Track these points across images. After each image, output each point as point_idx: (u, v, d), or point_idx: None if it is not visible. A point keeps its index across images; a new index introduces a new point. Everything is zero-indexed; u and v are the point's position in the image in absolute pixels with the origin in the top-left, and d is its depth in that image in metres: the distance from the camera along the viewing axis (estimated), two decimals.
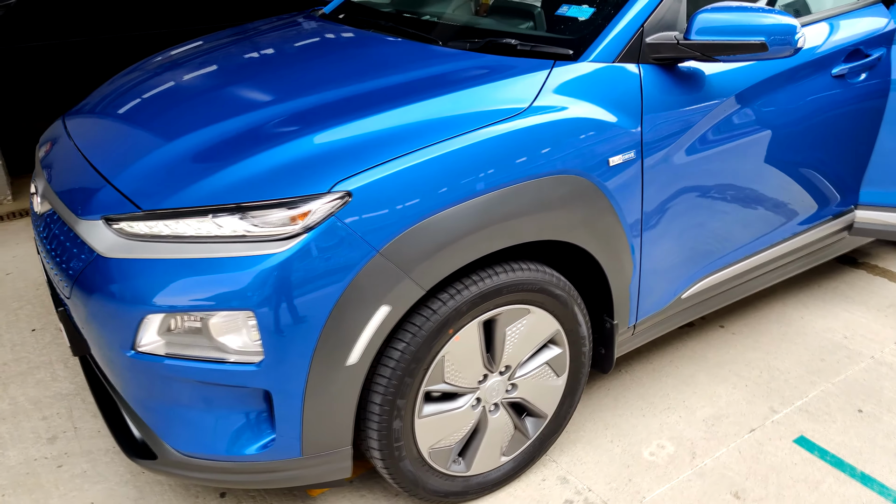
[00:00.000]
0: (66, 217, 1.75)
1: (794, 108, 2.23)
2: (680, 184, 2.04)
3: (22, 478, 2.16)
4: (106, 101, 2.23)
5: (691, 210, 2.11)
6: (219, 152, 1.67)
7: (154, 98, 2.09)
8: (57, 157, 2.00)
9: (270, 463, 1.67)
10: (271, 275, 1.50)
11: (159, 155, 1.73)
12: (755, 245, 2.41)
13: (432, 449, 1.86)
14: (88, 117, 2.16)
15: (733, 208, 2.23)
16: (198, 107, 1.92)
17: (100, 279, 1.60)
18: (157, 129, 1.87)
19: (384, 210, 1.55)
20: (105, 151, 1.86)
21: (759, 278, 2.55)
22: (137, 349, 1.60)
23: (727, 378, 2.55)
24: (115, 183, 1.69)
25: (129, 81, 2.33)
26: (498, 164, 1.67)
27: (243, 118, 1.77)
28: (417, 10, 2.54)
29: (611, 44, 1.89)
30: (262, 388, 1.58)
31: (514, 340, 1.88)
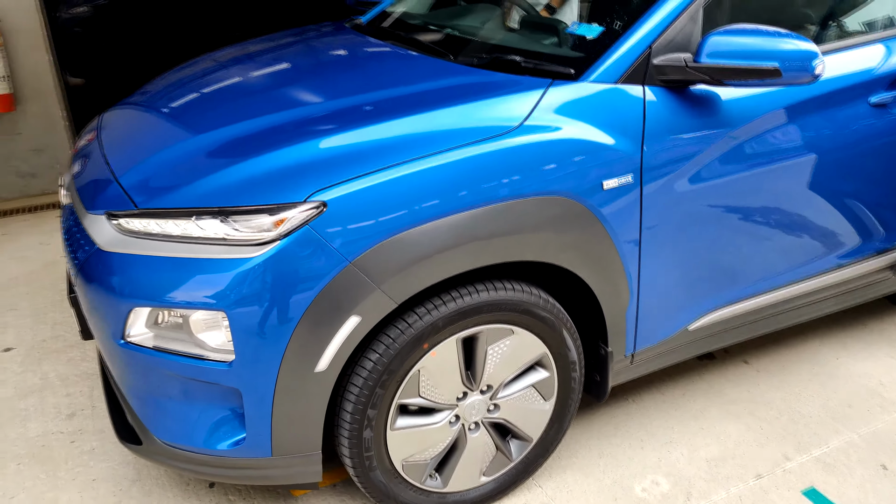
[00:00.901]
0: (78, 210, 1.86)
1: (821, 137, 2.11)
2: (686, 212, 1.96)
3: (38, 450, 2.30)
4: (136, 100, 2.36)
5: (700, 240, 2.03)
6: (213, 157, 1.73)
7: (171, 100, 2.19)
8: (84, 152, 2.13)
9: (242, 460, 1.72)
10: (244, 278, 1.54)
11: (162, 156, 1.82)
12: (778, 279, 2.29)
13: (406, 462, 1.86)
14: (118, 115, 2.28)
15: (749, 241, 2.13)
16: (205, 111, 2.01)
17: (97, 270, 1.69)
18: (166, 130, 1.97)
19: (358, 222, 1.57)
20: (120, 149, 1.97)
21: (786, 314, 2.42)
22: (127, 339, 1.68)
23: (741, 417, 2.44)
24: (120, 180, 1.79)
25: (161, 83, 2.46)
26: (480, 183, 1.66)
27: (241, 125, 1.83)
28: (443, 24, 2.55)
29: (614, 65, 1.84)
30: (233, 386, 1.63)
31: (496, 360, 1.86)
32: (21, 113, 4.29)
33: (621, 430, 2.38)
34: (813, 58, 1.77)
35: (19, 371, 2.72)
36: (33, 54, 4.23)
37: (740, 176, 2.01)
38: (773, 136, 2.03)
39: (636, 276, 1.96)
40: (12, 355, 2.82)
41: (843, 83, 2.12)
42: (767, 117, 2.00)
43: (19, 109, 4.27)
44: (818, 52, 1.78)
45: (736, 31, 1.80)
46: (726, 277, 2.16)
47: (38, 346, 2.87)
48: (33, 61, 4.24)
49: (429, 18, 2.68)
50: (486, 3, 2.73)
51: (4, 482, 2.16)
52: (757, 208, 2.08)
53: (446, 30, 2.48)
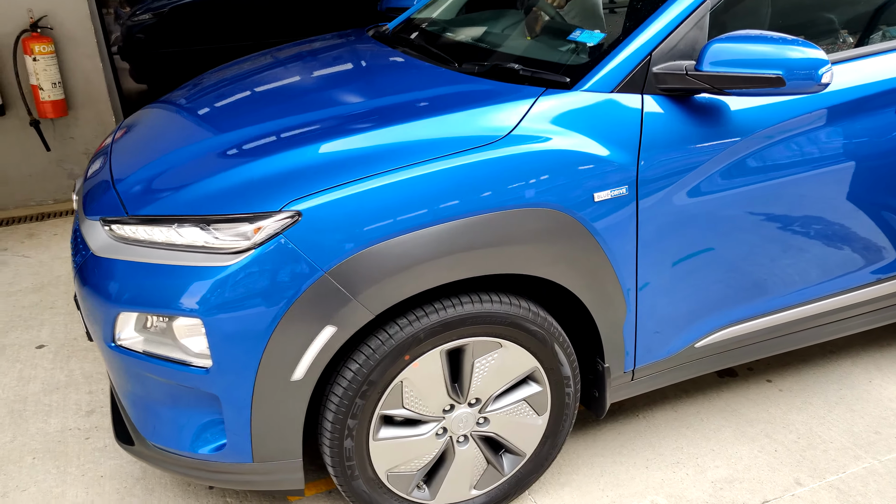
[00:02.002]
0: (80, 215, 1.93)
1: (840, 148, 1.99)
2: (688, 226, 1.89)
3: (54, 444, 2.39)
4: (154, 106, 2.43)
5: (704, 256, 1.95)
6: (201, 164, 1.77)
7: (179, 107, 2.25)
8: (98, 157, 2.21)
9: (225, 464, 1.75)
10: (219, 286, 1.57)
11: (158, 163, 1.87)
12: (794, 297, 2.17)
13: (391, 472, 1.85)
14: (136, 119, 2.36)
15: (760, 257, 2.03)
16: (203, 120, 2.05)
17: (90, 274, 1.75)
18: (167, 137, 2.02)
19: (334, 232, 1.57)
20: (125, 154, 2.03)
21: (806, 333, 2.30)
22: (117, 342, 1.73)
23: (756, 438, 2.33)
24: (117, 186, 1.84)
25: (181, 90, 2.53)
26: (462, 194, 1.64)
27: (231, 134, 1.87)
28: (459, 32, 2.53)
29: (610, 73, 1.79)
30: (212, 392, 1.65)
31: (484, 374, 1.83)
32: (73, 118, 4.50)
33: (627, 447, 2.31)
34: (820, 66, 1.67)
35: (49, 367, 2.84)
36: (86, 62, 4.43)
37: (748, 189, 1.92)
38: (786, 146, 1.93)
39: (633, 292, 1.89)
40: (44, 352, 2.95)
41: (866, 91, 1.99)
42: (779, 127, 1.90)
43: (72, 115, 4.48)
44: (826, 59, 1.68)
45: (739, 38, 1.72)
46: (735, 294, 2.06)
47: (68, 343, 2.99)
48: (86, 68, 4.44)
49: (448, 26, 2.67)
50: (512, 11, 2.70)
51: (20, 475, 2.26)
52: (767, 223, 1.98)
53: (460, 38, 2.46)
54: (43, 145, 4.42)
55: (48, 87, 4.21)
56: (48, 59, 4.16)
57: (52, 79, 4.22)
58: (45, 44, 4.13)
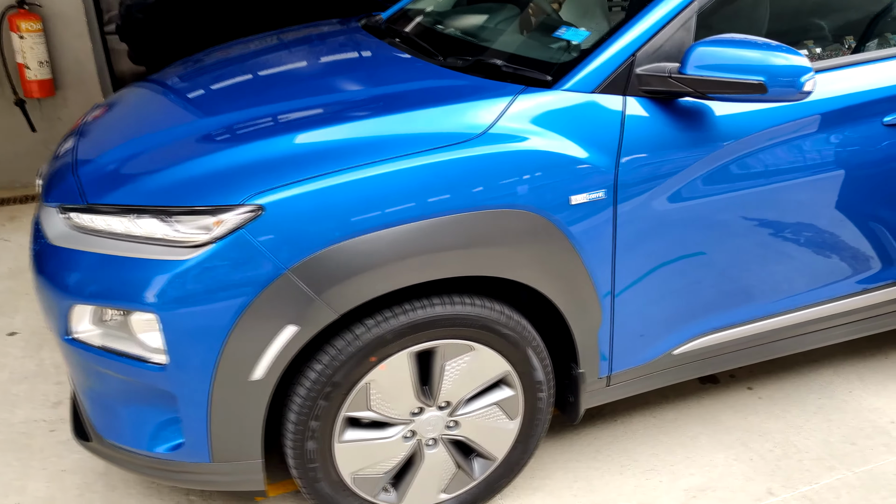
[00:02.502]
0: (40, 201, 1.87)
1: (826, 157, 1.95)
2: (668, 232, 1.84)
3: (17, 436, 2.34)
4: (132, 88, 2.37)
5: (684, 262, 1.90)
6: (166, 153, 1.71)
7: (157, 91, 2.20)
8: (66, 140, 2.14)
9: (183, 464, 1.70)
10: (176, 280, 1.51)
11: (122, 149, 1.80)
12: (776, 305, 2.13)
13: (356, 475, 1.81)
14: (112, 102, 2.28)
15: (741, 265, 1.99)
16: (176, 105, 2.00)
17: (45, 264, 1.69)
18: (136, 122, 1.96)
19: (297, 228, 1.52)
20: (92, 139, 1.96)
21: (787, 341, 2.26)
22: (72, 336, 1.68)
23: (732, 447, 2.29)
24: (79, 172, 1.78)
25: (163, 72, 2.46)
26: (433, 192, 1.59)
27: (199, 122, 1.81)
28: (450, 24, 2.47)
29: (592, 73, 1.74)
30: (168, 390, 1.60)
31: (454, 377, 1.79)
32: (61, 98, 4.41)
33: (603, 453, 2.27)
34: (802, 73, 1.63)
35: (19, 356, 2.78)
36: (76, 41, 4.33)
37: (730, 196, 1.87)
38: (770, 154, 1.88)
39: (610, 297, 1.85)
40: (15, 340, 2.89)
41: (853, 100, 1.95)
42: (764, 134, 1.86)
43: (60, 95, 4.39)
44: (809, 67, 1.64)
45: (724, 42, 1.67)
46: (715, 302, 2.02)
47: (41, 332, 2.94)
48: (75, 48, 4.34)
49: (441, 18, 2.60)
50: (509, 5, 2.62)
51: None
52: (748, 231, 1.94)
53: (449, 31, 2.40)
54: (28, 126, 4.33)
55: (35, 66, 4.13)
56: (35, 37, 4.07)
57: (40, 57, 4.13)
58: (32, 21, 4.04)
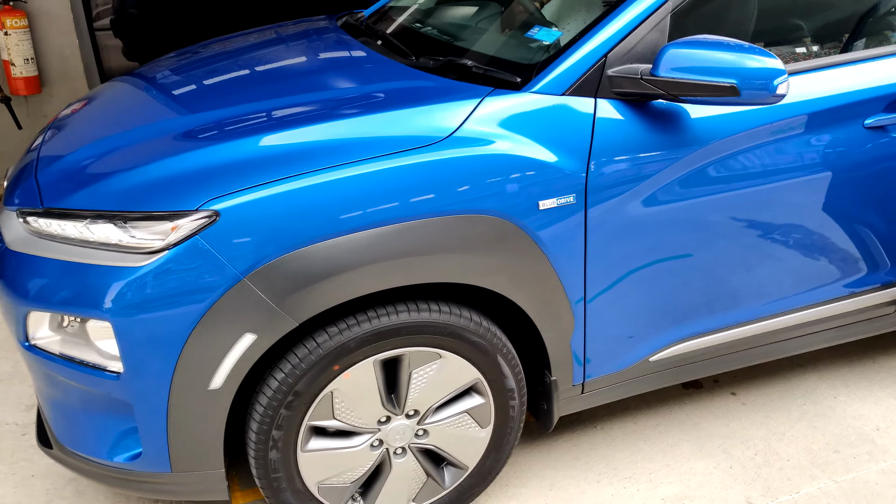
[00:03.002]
0: (1, 203, 1.83)
1: (803, 161, 1.90)
2: (641, 237, 1.80)
3: None
4: (111, 83, 2.33)
5: (658, 268, 1.86)
6: (127, 156, 1.67)
7: (124, 93, 2.15)
8: (33, 144, 2.11)
9: (143, 474, 1.67)
10: (131, 287, 1.48)
11: (83, 151, 1.76)
12: (756, 311, 2.09)
13: (322, 485, 1.77)
14: (88, 97, 2.24)
15: (718, 270, 1.95)
16: (143, 107, 1.96)
17: (3, 269, 1.65)
18: (99, 124, 1.92)
19: (254, 235, 1.48)
20: (56, 141, 1.92)
21: (768, 347, 2.22)
22: (31, 342, 1.65)
23: (713, 454, 2.25)
24: (38, 175, 1.74)
25: (144, 67, 2.42)
26: (397, 197, 1.55)
27: (160, 124, 1.77)
28: (428, 23, 2.42)
29: (562, 75, 1.70)
30: (124, 399, 1.57)
31: (422, 384, 1.75)
32: (47, 95, 4.37)
33: (581, 460, 2.23)
34: (775, 76, 1.58)
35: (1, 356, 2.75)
36: (62, 38, 4.28)
37: (705, 200, 1.83)
38: (746, 158, 1.83)
39: (582, 304, 1.81)
40: None
41: (833, 102, 1.90)
42: (740, 137, 1.81)
43: (46, 92, 4.35)
44: (783, 69, 1.59)
45: (696, 44, 1.62)
46: (692, 308, 1.98)
47: None
48: (61, 45, 4.30)
49: (421, 17, 2.55)
50: (493, 3, 2.57)
51: None
52: (724, 236, 1.90)
53: (426, 30, 2.36)
54: (14, 123, 4.30)
55: (20, 63, 4.09)
56: (21, 33, 4.03)
57: (25, 54, 4.09)
58: (17, 17, 4.00)
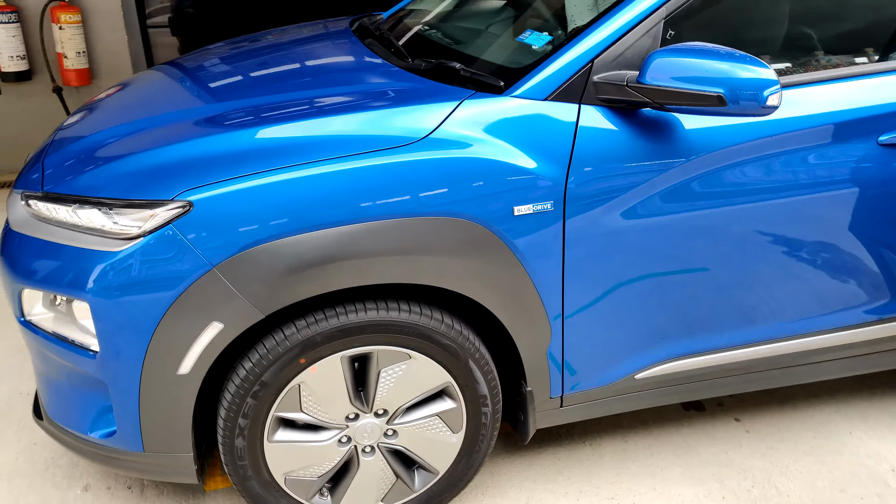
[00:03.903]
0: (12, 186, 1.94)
1: (805, 177, 1.81)
2: (625, 249, 1.75)
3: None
4: (131, 79, 2.43)
5: (644, 282, 1.81)
6: (120, 146, 1.74)
7: (141, 85, 2.25)
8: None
9: (118, 450, 1.73)
10: (107, 271, 1.54)
11: (87, 140, 1.84)
12: (755, 334, 2.00)
13: (289, 476, 1.80)
14: (110, 92, 2.35)
15: (708, 288, 1.88)
16: (148, 99, 2.04)
17: (4, 247, 1.75)
18: (109, 115, 2.00)
19: (225, 226, 1.52)
20: (69, 129, 2.02)
21: (774, 372, 2.12)
22: (26, 317, 1.74)
23: (705, 482, 2.17)
24: (44, 161, 1.84)
25: (168, 64, 2.52)
26: (367, 196, 1.56)
27: (158, 117, 1.84)
28: (435, 26, 2.43)
29: (545, 80, 1.67)
30: (100, 378, 1.63)
31: (391, 384, 1.75)
32: (96, 87, 4.60)
33: (564, 475, 2.19)
34: (765, 87, 1.52)
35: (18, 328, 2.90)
36: (111, 34, 4.52)
37: (696, 214, 1.77)
38: (741, 172, 1.76)
39: (559, 313, 1.78)
40: None
41: (844, 117, 1.81)
42: (735, 150, 1.74)
43: (95, 84, 4.58)
44: (775, 80, 1.53)
45: (685, 51, 1.57)
46: (680, 326, 1.91)
47: None
48: (110, 40, 4.53)
49: (432, 19, 2.56)
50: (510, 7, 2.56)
51: None
52: (714, 253, 1.83)
53: (431, 33, 2.36)
54: (65, 112, 4.53)
55: (72, 56, 4.32)
56: (74, 28, 4.26)
57: (77, 48, 4.32)
58: (71, 13, 4.23)
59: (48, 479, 2.14)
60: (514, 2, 2.51)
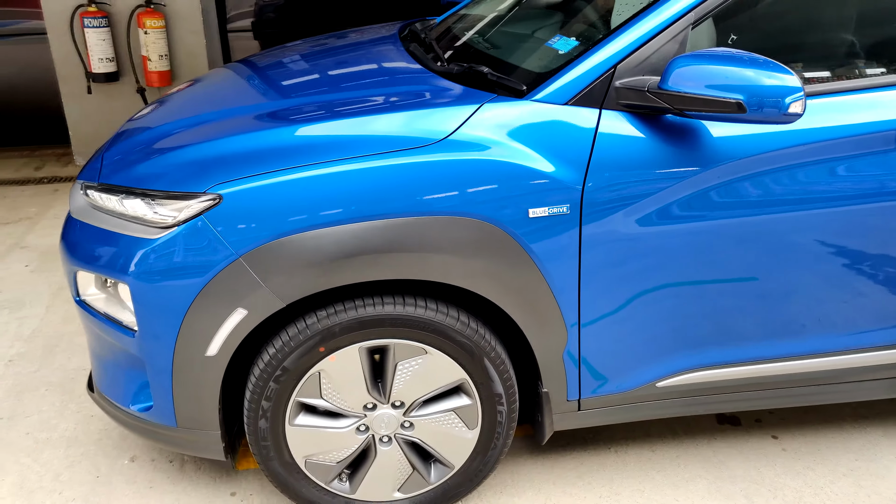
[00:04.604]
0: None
1: (836, 189, 1.76)
2: (643, 256, 1.75)
3: (67, 381, 2.65)
4: (201, 76, 2.61)
5: (663, 290, 1.80)
6: (170, 141, 1.87)
7: (206, 82, 2.43)
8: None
9: (155, 424, 1.86)
10: (144, 256, 1.67)
11: (142, 136, 1.99)
12: (785, 348, 1.95)
13: (309, 460, 1.88)
14: (179, 88, 2.53)
15: (732, 299, 1.84)
16: (205, 96, 2.19)
17: (65, 232, 1.92)
18: (167, 112, 2.14)
19: (251, 218, 1.62)
20: (132, 125, 2.18)
21: (810, 389, 2.05)
22: (80, 297, 1.90)
23: (732, 497, 2.12)
24: (105, 154, 2.00)
25: (240, 62, 2.69)
26: (384, 194, 1.63)
27: (205, 115, 1.96)
28: (477, 31, 2.48)
29: (567, 85, 1.69)
30: (139, 356, 1.76)
31: (407, 377, 1.81)
32: None
33: (585, 479, 2.19)
34: (788, 94, 1.49)
35: None
36: (191, 37, 4.80)
37: (720, 223, 1.74)
38: (768, 181, 1.73)
39: (576, 316, 1.79)
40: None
41: (880, 128, 1.74)
42: (761, 158, 1.71)
43: (174, 85, 4.87)
44: (799, 87, 1.50)
45: (706, 57, 1.56)
46: (706, 336, 1.88)
47: None
48: (190, 43, 4.82)
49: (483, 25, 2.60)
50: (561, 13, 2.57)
51: (30, 403, 2.53)
52: (736, 264, 1.79)
53: (473, 37, 2.41)
54: None
55: (156, 59, 4.61)
56: (158, 32, 4.55)
57: (160, 51, 4.61)
58: (156, 18, 4.52)
59: (100, 449, 2.31)
60: (563, 7, 2.52)
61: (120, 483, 2.17)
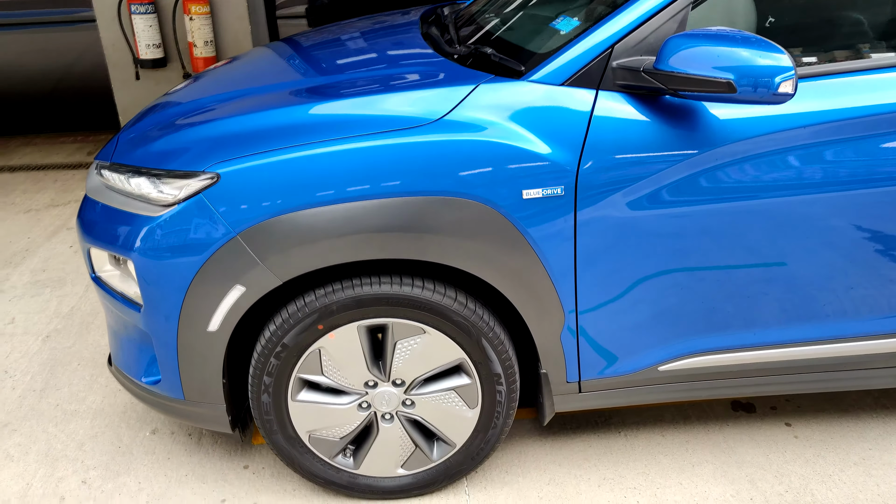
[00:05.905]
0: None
1: (843, 173, 1.71)
2: (641, 239, 1.73)
3: (99, 356, 2.77)
4: (238, 55, 2.68)
5: (664, 273, 1.78)
6: (179, 121, 1.93)
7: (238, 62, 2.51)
8: None
9: (165, 396, 1.94)
10: (147, 233, 1.73)
11: (159, 116, 2.06)
12: (790, 333, 1.91)
13: (312, 435, 1.94)
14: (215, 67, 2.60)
15: (732, 283, 1.81)
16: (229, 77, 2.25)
17: (81, 211, 2.00)
18: (189, 92, 2.20)
19: (248, 197, 1.67)
20: (153, 106, 2.25)
21: (818, 375, 2.01)
22: (96, 273, 1.99)
23: (737, 481, 2.10)
24: (121, 134, 2.08)
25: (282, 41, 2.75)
26: (378, 174, 1.65)
27: (221, 95, 2.01)
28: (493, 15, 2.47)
29: (563, 65, 1.69)
30: (146, 330, 1.84)
31: (406, 356, 1.85)
32: None
33: (591, 461, 2.19)
34: (777, 73, 1.45)
35: None
36: (236, 23, 4.89)
37: (719, 206, 1.72)
38: (771, 162, 1.69)
39: (572, 299, 1.79)
40: None
41: (885, 110, 1.68)
42: (761, 140, 1.67)
43: None
44: (790, 66, 1.46)
45: (699, 37, 1.54)
46: (709, 320, 1.86)
47: None
48: (235, 28, 4.90)
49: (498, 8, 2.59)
50: None
51: (62, 376, 2.66)
52: (730, 247, 1.76)
53: (491, 20, 2.40)
54: None
55: (201, 45, 4.72)
56: (203, 19, 4.65)
57: (206, 37, 4.72)
58: (201, 5, 4.62)
59: (124, 421, 2.42)
60: None
61: (140, 453, 2.27)
